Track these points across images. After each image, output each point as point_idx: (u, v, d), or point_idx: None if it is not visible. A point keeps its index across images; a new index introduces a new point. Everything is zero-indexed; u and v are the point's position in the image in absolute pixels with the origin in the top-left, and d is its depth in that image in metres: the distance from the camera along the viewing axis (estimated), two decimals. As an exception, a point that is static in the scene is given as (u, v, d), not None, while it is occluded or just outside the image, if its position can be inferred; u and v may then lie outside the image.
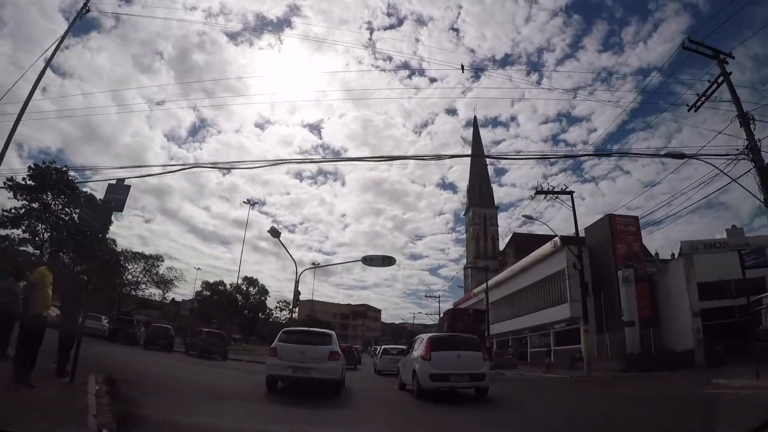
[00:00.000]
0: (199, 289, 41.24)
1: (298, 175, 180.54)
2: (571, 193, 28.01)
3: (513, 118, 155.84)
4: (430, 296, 75.51)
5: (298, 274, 26.15)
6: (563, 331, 35.19)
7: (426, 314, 76.39)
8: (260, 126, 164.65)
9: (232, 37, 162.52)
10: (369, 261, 24.79)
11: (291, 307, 25.94)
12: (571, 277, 32.41)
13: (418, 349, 10.89)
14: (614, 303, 29.80)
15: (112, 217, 16.01)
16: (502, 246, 79.70)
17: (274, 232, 22.36)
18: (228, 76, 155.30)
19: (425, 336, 11.75)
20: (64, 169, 42.60)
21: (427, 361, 9.99)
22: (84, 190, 43.35)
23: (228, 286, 41.47)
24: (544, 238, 48.04)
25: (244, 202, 46.34)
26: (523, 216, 28.07)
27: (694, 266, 26.42)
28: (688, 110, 15.69)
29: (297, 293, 25.86)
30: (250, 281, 42.18)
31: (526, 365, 33.71)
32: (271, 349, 9.81)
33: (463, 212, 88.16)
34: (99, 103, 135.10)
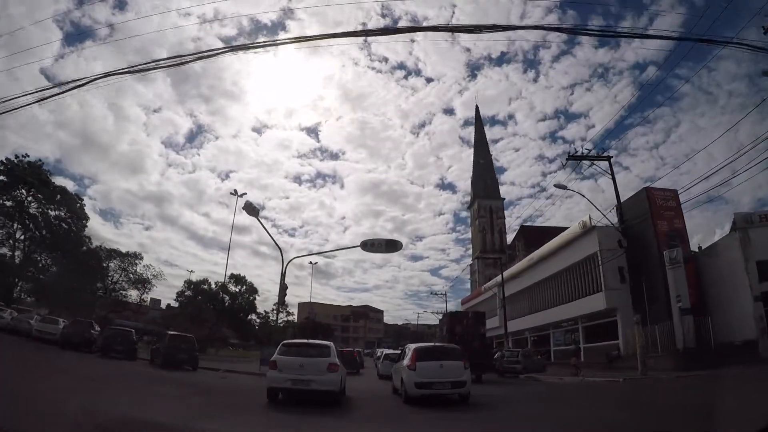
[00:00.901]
0: (181, 288, 36.93)
1: (297, 179, 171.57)
2: (609, 158, 23.84)
3: (511, 116, 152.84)
4: (435, 294, 70.12)
5: (285, 265, 21.72)
6: (595, 326, 30.70)
7: (432, 313, 72.19)
8: (257, 130, 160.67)
9: (227, 42, 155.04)
10: (370, 246, 20.37)
11: (278, 302, 21.49)
12: (606, 262, 28.03)
13: (406, 359, 11.62)
14: (657, 289, 25.56)
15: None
16: (509, 240, 75.65)
17: (250, 208, 17.92)
18: (224, 81, 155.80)
19: (412, 346, 12.52)
20: (39, 163, 38.57)
21: (413, 370, 10.76)
22: (59, 185, 39.61)
23: (213, 285, 37.13)
24: (554, 230, 44.21)
25: (231, 192, 41.53)
26: (555, 186, 23.75)
27: (750, 242, 22.31)
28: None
29: (284, 287, 21.38)
30: (237, 279, 37.65)
31: (551, 366, 29.18)
32: (270, 362, 9.89)
33: (467, 206, 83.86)
34: (96, 112, 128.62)
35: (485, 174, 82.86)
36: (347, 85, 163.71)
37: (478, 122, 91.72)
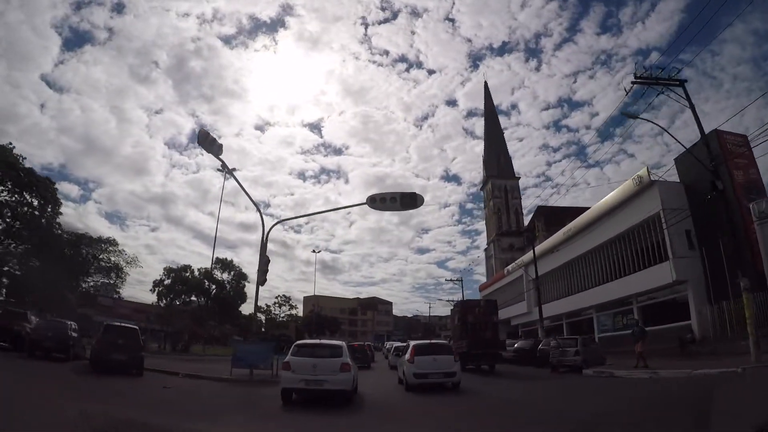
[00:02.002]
0: (159, 277, 31.68)
1: (301, 176, 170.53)
2: (682, 82, 18.33)
3: (514, 106, 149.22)
4: (451, 280, 64.56)
5: (266, 232, 16.47)
6: (657, 305, 25.18)
7: (447, 301, 67.06)
8: (260, 128, 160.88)
9: (227, 41, 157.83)
10: (380, 202, 15.32)
11: (257, 280, 16.15)
12: (675, 223, 22.44)
13: (406, 354, 14.08)
14: (739, 253, 20.02)
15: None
16: (525, 222, 70.15)
17: (204, 138, 12.63)
18: (225, 80, 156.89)
19: (412, 343, 15.47)
20: (10, 146, 33.79)
21: (412, 363, 13.07)
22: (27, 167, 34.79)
23: (196, 272, 31.90)
24: (575, 211, 39.01)
25: (218, 169, 36.12)
26: (623, 113, 18.37)
27: None
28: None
29: (265, 260, 16.08)
30: (224, 264, 32.41)
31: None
32: (284, 363, 9.96)
33: (480, 187, 78.02)
34: (98, 116, 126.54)
35: (498, 152, 77.03)
36: (348, 80, 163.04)
37: (488, 100, 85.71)
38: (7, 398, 7.76)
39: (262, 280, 16.25)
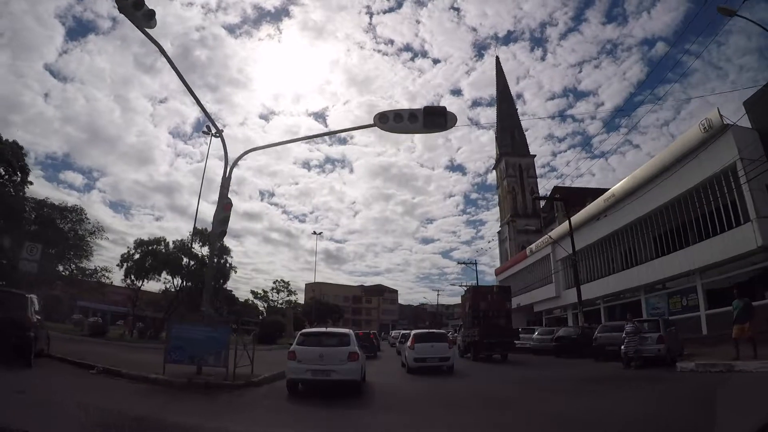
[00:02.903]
0: (127, 251, 27.01)
1: (306, 165, 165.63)
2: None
3: (519, 96, 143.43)
4: (463, 263, 59.73)
5: (230, 165, 11.75)
6: (731, 279, 20.23)
7: (460, 285, 62.78)
8: (265, 117, 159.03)
9: (231, 30, 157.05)
10: (395, 121, 11.08)
11: (212, 231, 11.26)
12: (754, 178, 17.48)
13: (408, 342, 16.17)
14: None
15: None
16: (542, 204, 65.01)
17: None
18: (229, 69, 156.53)
19: (412, 332, 17.17)
20: None
21: (412, 349, 15.08)
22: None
23: (171, 244, 27.23)
24: (593, 192, 35.43)
25: (203, 131, 31.21)
26: (719, 10, 13.40)
27: None
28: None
29: (225, 203, 11.33)
30: (204, 236, 27.67)
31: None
32: (289, 353, 9.49)
33: (492, 166, 72.71)
34: (102, 105, 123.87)
35: (512, 129, 71.63)
36: (353, 69, 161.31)
37: (500, 75, 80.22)
38: None
39: (218, 233, 11.52)
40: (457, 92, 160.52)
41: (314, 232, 60.28)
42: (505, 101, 75.64)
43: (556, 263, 34.70)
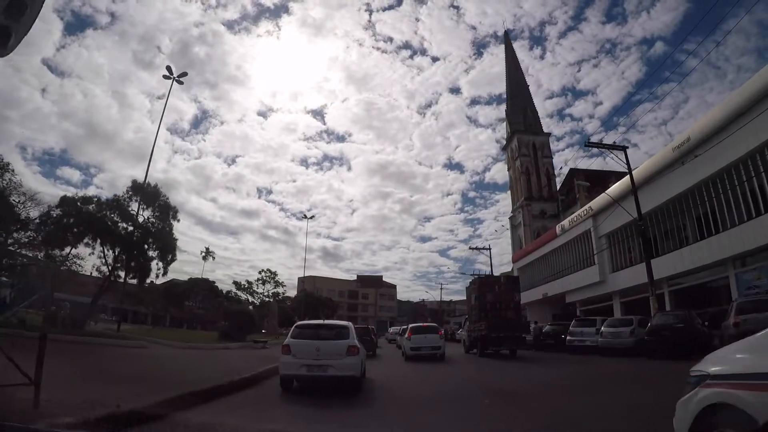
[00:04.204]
0: (47, 208, 19.70)
1: (304, 162, 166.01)
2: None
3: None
4: (475, 248, 53.04)
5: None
6: None
7: (471, 275, 56.33)
8: (263, 114, 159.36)
9: (230, 26, 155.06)
10: None
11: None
12: None
13: (405, 334, 19.95)
14: None
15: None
16: (557, 186, 58.70)
17: None
18: (228, 65, 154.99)
19: (409, 326, 21.40)
20: None
21: (409, 340, 18.24)
22: None
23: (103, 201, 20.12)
24: (614, 175, 31.25)
25: (164, 76, 23.70)
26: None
27: None
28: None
29: None
30: (146, 194, 20.29)
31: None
32: (283, 347, 8.69)
33: (501, 146, 65.80)
34: (100, 101, 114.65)
35: (524, 105, 65.07)
36: (352, 66, 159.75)
37: (509, 49, 73.57)
38: None
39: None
40: (455, 90, 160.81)
41: (305, 216, 53.67)
42: (515, 77, 69.02)
43: (599, 240, 27.99)
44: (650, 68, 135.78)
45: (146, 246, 19.74)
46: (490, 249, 47.58)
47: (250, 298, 54.99)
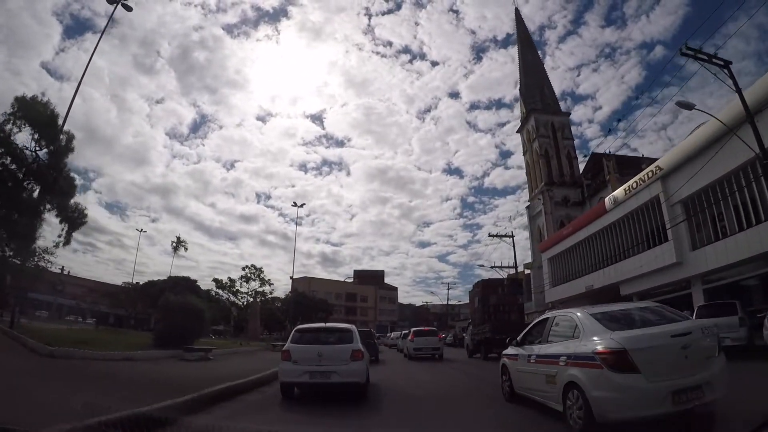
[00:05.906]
0: None
1: (303, 167, 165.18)
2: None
3: (517, 99, 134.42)
4: (495, 236, 45.58)
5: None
6: None
7: (491, 267, 50.87)
8: (262, 119, 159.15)
9: (229, 30, 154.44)
10: None
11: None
12: None
13: (407, 336, 22.94)
14: None
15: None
16: (579, 170, 52.29)
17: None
18: (227, 69, 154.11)
19: (412, 329, 23.91)
20: None
21: (411, 342, 21.36)
22: None
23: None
24: (641, 160, 30.96)
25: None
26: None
27: None
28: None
29: None
30: (24, 105, 13.22)
31: None
32: (283, 352, 8.21)
33: (517, 128, 59.02)
34: (98, 105, 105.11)
35: (540, 83, 58.51)
36: (351, 71, 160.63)
37: (521, 25, 67.31)
38: None
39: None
40: (455, 95, 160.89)
41: (294, 203, 46.90)
42: (528, 53, 62.53)
43: (672, 209, 21.09)
44: (650, 72, 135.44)
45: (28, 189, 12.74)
46: (513, 236, 40.27)
47: (232, 298, 47.62)
